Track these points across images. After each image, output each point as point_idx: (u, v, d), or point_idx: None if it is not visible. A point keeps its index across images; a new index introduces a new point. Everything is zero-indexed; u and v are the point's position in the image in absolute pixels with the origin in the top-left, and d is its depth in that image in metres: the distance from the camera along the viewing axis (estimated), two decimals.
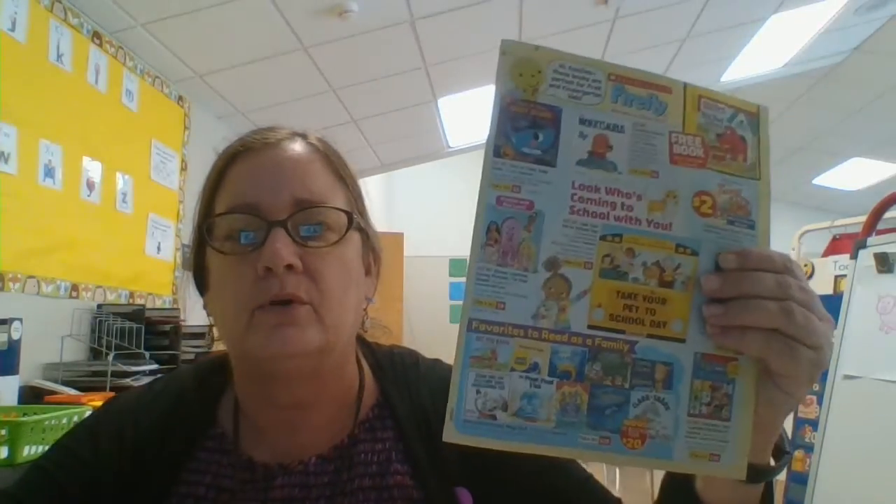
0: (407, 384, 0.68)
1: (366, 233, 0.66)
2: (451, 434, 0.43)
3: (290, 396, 0.62)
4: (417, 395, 0.67)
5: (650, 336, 0.45)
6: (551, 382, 0.44)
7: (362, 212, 0.66)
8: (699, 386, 0.45)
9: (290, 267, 0.56)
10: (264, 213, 0.58)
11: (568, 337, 0.44)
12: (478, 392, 0.43)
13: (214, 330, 0.64)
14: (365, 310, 0.68)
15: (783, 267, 0.44)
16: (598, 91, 0.45)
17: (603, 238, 0.44)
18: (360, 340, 0.70)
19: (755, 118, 0.49)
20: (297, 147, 0.63)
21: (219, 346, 0.66)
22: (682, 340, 0.45)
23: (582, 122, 0.45)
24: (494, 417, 0.43)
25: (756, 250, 0.44)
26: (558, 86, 0.45)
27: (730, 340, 0.44)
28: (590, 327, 0.44)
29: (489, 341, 0.43)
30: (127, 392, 0.71)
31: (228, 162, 0.63)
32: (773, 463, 0.50)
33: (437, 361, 0.73)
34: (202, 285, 0.66)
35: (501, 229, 0.43)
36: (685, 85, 0.47)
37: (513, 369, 0.43)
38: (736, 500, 0.51)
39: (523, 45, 0.45)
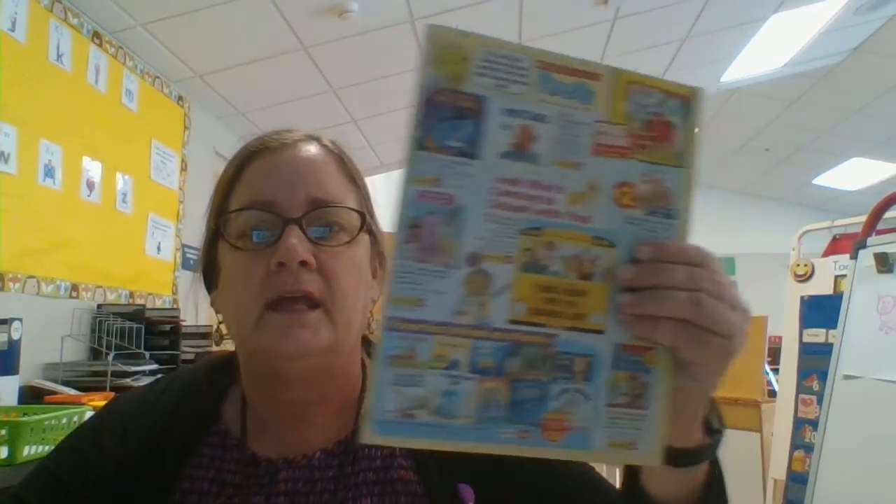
0: None
1: (375, 235, 0.67)
2: (369, 436, 0.42)
3: (298, 395, 0.63)
4: None
5: (570, 328, 0.45)
6: (471, 379, 0.43)
7: (372, 214, 0.67)
8: (618, 376, 0.45)
9: (303, 263, 0.57)
10: (280, 210, 0.59)
11: (489, 332, 0.43)
12: (396, 392, 0.42)
13: (222, 327, 0.64)
14: (371, 311, 0.69)
15: (697, 259, 0.45)
16: (524, 79, 0.43)
17: (523, 232, 0.44)
18: (364, 340, 0.71)
19: (688, 102, 0.47)
20: (313, 148, 0.64)
21: (226, 345, 0.67)
22: (602, 332, 0.45)
23: (506, 112, 0.43)
24: (413, 416, 0.42)
25: (673, 243, 0.45)
26: (484, 74, 0.43)
27: (642, 329, 0.45)
28: (511, 322, 0.44)
29: (408, 339, 0.42)
30: (129, 392, 0.72)
31: (245, 160, 0.63)
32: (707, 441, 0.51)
33: None
34: (211, 282, 0.66)
35: (422, 224, 0.42)
36: (616, 70, 0.46)
37: (432, 367, 0.42)
38: (676, 486, 0.51)
39: (450, 31, 0.43)
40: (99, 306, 2.43)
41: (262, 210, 0.59)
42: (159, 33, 2.69)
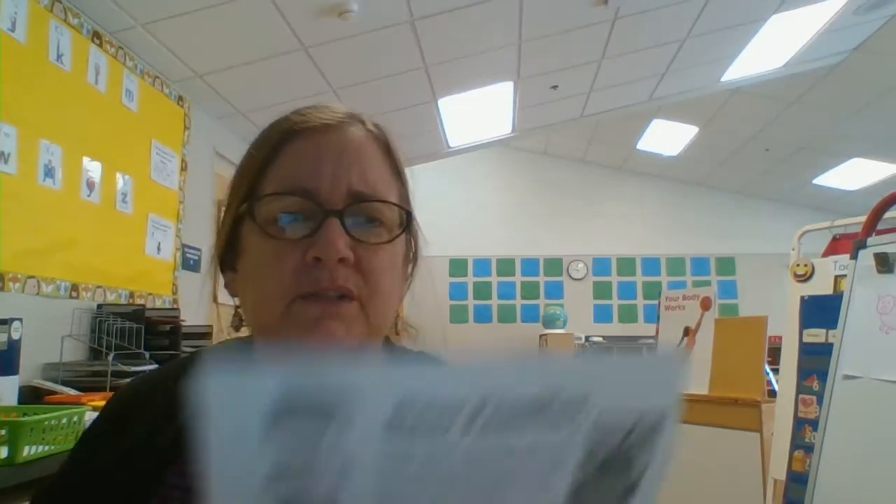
0: None
1: (413, 233, 0.64)
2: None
3: None
4: None
5: None
6: None
7: (412, 212, 0.63)
8: None
9: (342, 260, 0.54)
10: (321, 200, 0.55)
11: None
12: None
13: (241, 311, 0.61)
14: (397, 311, 0.67)
15: None
16: None
17: None
18: (390, 343, 0.69)
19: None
20: (359, 133, 0.60)
21: (244, 330, 0.65)
22: None
23: None
24: None
25: None
26: None
27: None
28: None
29: None
30: (140, 376, 0.71)
31: (284, 138, 0.59)
32: None
33: None
34: (228, 263, 0.62)
35: None
36: None
37: None
38: None
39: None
40: (99, 306, 2.43)
41: (302, 197, 0.55)
42: (159, 33, 2.69)
